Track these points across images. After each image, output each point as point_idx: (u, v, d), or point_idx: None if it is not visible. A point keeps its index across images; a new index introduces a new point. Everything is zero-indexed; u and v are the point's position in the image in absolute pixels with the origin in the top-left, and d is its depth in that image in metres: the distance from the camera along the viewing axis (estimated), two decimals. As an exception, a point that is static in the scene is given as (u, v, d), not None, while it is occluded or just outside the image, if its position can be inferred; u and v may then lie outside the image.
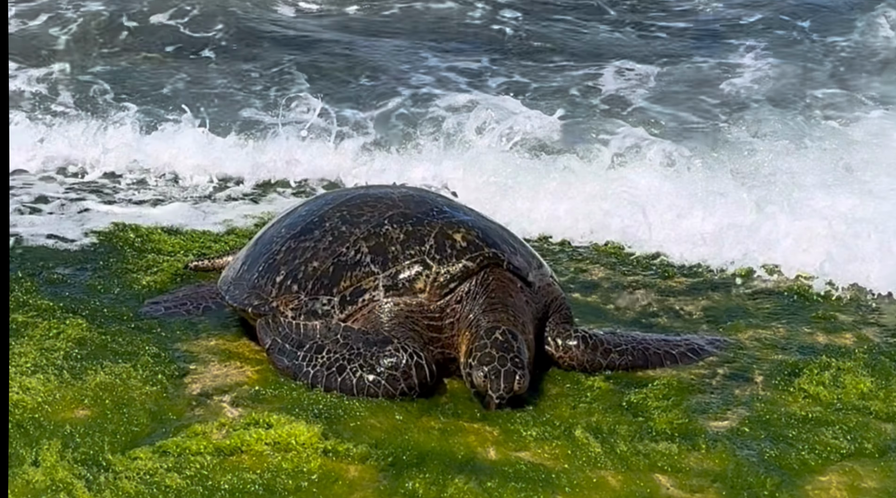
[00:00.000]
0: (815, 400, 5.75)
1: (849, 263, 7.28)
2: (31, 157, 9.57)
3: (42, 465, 4.98)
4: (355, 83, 11.98)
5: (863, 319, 6.79)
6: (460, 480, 4.93)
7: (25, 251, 7.49)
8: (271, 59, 12.74)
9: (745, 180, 8.58)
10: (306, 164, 9.63)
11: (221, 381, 5.78)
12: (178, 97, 11.41)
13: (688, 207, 8.09)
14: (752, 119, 10.57)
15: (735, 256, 7.61)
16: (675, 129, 10.46)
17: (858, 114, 10.70)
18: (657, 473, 5.09)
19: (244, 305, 6.10)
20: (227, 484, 4.89)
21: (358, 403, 5.51)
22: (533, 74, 12.24)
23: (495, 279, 5.86)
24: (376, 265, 5.89)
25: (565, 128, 10.42)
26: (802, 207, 7.85)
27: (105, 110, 10.77)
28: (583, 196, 8.44)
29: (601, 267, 7.61)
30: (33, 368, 5.73)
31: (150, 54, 12.96)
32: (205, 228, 8.16)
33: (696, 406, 5.66)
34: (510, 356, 5.54)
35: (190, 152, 9.63)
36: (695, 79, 12.17)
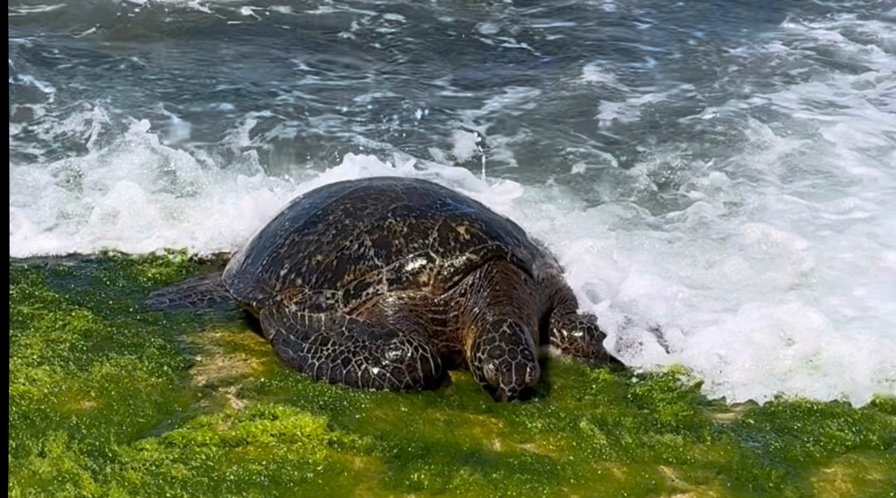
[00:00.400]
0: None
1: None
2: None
3: (48, 456, 5.00)
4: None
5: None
6: (465, 472, 4.95)
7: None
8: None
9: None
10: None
11: (227, 372, 5.79)
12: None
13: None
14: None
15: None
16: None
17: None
18: (662, 464, 5.10)
19: (248, 298, 6.11)
20: (233, 475, 4.90)
21: (363, 395, 5.53)
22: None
23: (499, 272, 5.87)
24: (380, 259, 5.90)
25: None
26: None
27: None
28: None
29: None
30: (39, 360, 5.73)
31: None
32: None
33: (701, 398, 5.67)
34: (520, 349, 5.55)
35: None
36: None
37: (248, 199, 7.17)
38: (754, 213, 7.59)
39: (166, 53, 11.04)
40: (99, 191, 7.72)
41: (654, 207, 7.86)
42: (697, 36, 11.77)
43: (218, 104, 9.74)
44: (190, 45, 11.29)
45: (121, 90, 9.88)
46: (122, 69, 10.46)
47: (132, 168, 8.00)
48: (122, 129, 8.64)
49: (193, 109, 9.61)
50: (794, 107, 9.73)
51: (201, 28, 11.72)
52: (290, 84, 10.26)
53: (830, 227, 7.37)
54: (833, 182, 8.23)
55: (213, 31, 11.69)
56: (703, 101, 9.88)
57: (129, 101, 9.63)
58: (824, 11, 12.42)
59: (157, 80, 10.22)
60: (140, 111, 9.28)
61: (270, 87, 10.16)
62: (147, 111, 9.35)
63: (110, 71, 10.43)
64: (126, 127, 8.59)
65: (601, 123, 9.49)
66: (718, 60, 11.01)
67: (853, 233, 7.24)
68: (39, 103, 9.59)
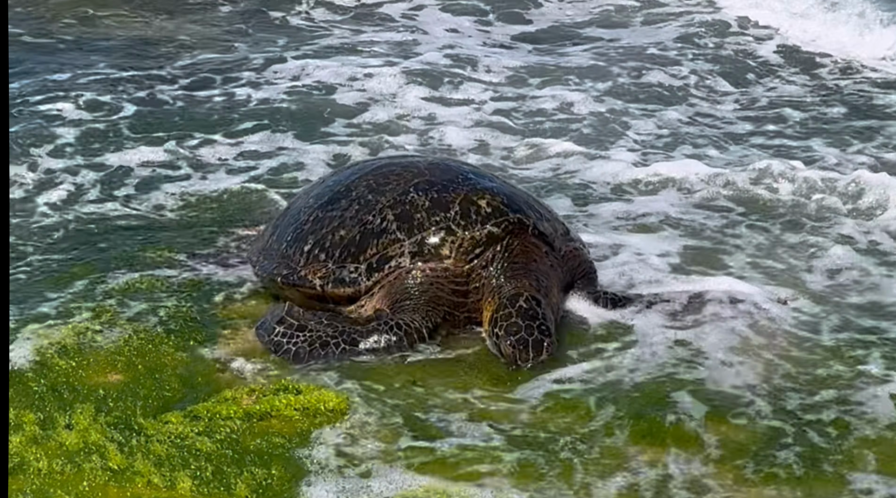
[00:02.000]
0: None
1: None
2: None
3: (75, 428, 5.08)
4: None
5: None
6: (483, 445, 5.00)
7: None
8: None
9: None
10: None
11: (252, 346, 5.85)
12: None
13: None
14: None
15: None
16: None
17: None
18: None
19: (273, 275, 6.16)
20: (256, 448, 4.96)
21: (387, 370, 5.58)
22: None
23: (520, 244, 5.91)
24: (402, 232, 5.94)
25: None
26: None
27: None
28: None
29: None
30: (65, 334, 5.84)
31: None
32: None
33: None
34: (536, 324, 5.60)
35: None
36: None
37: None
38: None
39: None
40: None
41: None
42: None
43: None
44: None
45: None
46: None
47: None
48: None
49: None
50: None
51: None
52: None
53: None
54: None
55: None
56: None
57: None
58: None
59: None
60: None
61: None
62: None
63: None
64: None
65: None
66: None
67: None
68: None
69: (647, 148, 9.01)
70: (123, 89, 10.17)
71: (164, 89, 10.26)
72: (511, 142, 9.04)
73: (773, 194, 7.96)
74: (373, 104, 9.86)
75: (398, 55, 11.36)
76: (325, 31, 12.50)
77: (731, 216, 7.61)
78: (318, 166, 8.42)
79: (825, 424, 5.21)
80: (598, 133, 9.29)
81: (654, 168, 8.33)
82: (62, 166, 8.37)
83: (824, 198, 7.84)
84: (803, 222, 7.50)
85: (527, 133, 9.26)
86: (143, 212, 7.67)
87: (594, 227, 7.30)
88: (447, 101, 10.02)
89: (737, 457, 4.98)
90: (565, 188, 8.04)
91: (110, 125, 9.28)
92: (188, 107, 9.81)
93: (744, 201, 7.85)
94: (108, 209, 7.70)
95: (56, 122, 9.28)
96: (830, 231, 7.36)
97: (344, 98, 10.01)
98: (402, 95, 10.06)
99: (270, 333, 5.81)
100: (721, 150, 9.00)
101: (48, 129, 9.06)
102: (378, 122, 9.49)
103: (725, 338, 5.85)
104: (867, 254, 7.05)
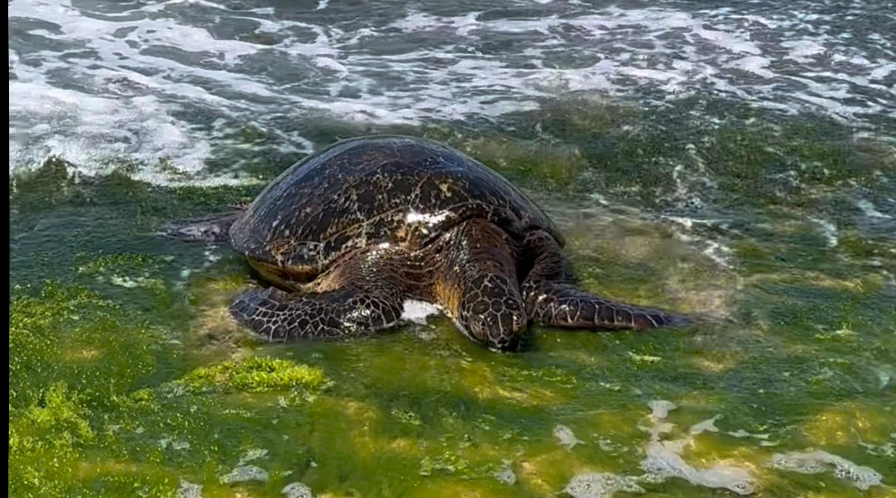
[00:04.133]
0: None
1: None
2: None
3: (48, 405, 5.08)
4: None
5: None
6: (454, 417, 5.01)
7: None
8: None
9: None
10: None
11: (227, 324, 5.87)
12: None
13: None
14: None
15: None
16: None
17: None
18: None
19: (242, 248, 6.20)
20: (227, 420, 4.97)
21: (361, 347, 5.60)
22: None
23: (479, 230, 5.90)
24: (362, 213, 5.96)
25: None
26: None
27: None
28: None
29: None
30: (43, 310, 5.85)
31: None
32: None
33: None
34: (503, 299, 5.59)
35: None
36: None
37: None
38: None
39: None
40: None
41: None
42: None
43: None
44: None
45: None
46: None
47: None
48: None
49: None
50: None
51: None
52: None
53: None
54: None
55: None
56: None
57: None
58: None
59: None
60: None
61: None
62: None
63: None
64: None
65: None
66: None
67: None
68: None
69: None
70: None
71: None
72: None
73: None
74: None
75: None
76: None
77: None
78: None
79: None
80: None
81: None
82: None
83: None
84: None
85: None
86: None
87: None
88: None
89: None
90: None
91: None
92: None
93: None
94: (82, 186, 7.73)
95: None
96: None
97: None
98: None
99: (250, 312, 5.82)
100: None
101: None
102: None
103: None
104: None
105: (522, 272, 6.00)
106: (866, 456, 4.85)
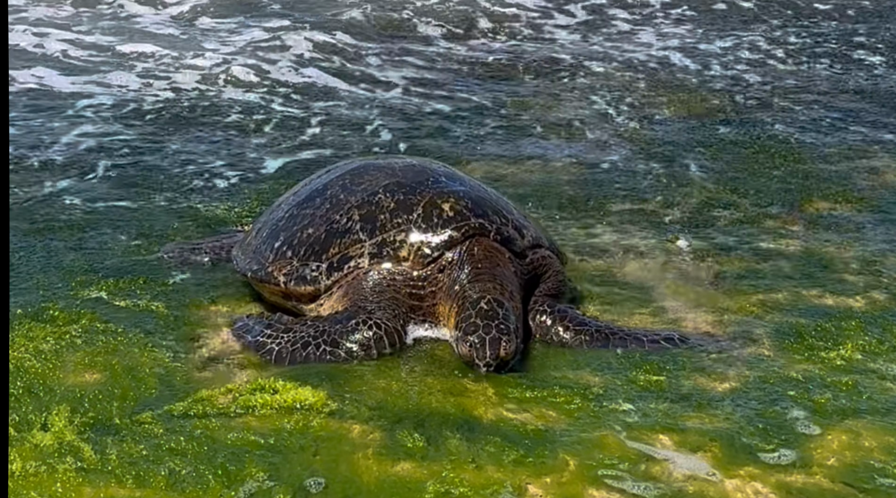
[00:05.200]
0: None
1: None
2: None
3: (51, 429, 5.06)
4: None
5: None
6: (457, 440, 4.98)
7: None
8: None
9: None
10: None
11: (230, 346, 5.85)
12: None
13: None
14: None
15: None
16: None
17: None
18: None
19: (245, 270, 6.19)
20: (231, 444, 4.95)
21: (365, 367, 5.57)
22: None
23: (482, 249, 5.88)
24: (364, 233, 5.94)
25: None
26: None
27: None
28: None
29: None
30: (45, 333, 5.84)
31: None
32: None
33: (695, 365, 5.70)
34: (495, 323, 5.55)
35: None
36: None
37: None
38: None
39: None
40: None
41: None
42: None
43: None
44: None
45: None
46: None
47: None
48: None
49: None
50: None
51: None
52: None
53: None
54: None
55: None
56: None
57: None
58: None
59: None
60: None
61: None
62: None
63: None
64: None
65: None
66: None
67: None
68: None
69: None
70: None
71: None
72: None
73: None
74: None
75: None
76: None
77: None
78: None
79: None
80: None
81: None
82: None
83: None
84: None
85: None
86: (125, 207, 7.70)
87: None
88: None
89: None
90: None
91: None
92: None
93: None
94: (84, 206, 7.71)
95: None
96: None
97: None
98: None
99: (254, 334, 5.80)
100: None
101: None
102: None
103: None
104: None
105: (527, 291, 5.98)
106: (873, 475, 4.82)
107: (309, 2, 14.39)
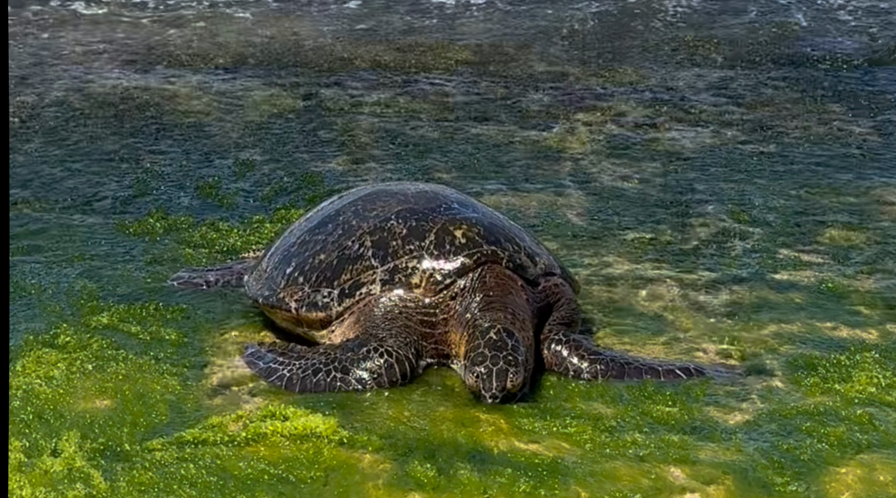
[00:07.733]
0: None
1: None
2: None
3: (61, 455, 5.05)
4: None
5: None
6: (469, 470, 4.95)
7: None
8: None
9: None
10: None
11: (241, 373, 5.84)
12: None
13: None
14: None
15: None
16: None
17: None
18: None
19: (256, 295, 6.18)
20: (242, 474, 4.93)
21: (376, 396, 5.56)
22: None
23: (494, 277, 5.85)
24: (376, 259, 5.93)
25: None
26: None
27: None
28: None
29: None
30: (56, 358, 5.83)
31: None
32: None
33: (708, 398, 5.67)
34: (503, 355, 5.51)
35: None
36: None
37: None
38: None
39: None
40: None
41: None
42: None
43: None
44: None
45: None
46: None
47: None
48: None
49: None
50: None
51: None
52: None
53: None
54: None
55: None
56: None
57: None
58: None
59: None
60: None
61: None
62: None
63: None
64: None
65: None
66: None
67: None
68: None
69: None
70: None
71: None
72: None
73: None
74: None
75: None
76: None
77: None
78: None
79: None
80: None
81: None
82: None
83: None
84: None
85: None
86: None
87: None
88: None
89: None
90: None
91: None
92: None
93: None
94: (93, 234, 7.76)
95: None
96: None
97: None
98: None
99: (266, 360, 5.79)
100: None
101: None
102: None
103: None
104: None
105: (539, 318, 5.95)
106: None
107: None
